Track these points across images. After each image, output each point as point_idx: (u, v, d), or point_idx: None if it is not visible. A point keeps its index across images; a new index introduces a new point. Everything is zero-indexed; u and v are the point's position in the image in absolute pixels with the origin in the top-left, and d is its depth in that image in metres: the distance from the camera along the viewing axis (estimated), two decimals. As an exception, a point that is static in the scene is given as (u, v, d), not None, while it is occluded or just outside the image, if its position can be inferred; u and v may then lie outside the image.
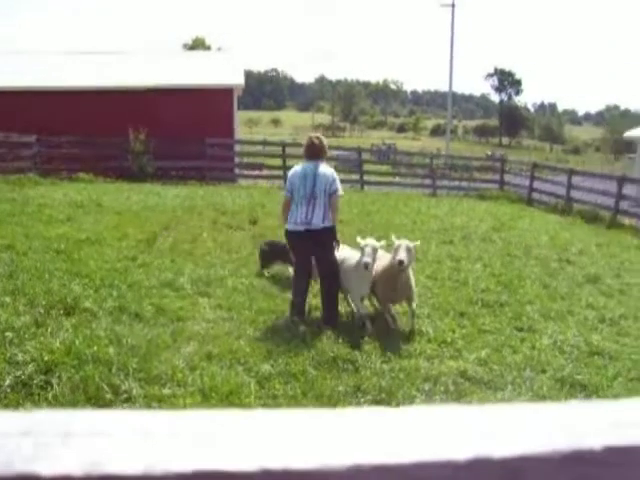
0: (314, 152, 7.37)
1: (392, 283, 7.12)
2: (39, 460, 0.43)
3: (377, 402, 5.26)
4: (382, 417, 0.53)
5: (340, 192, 7.31)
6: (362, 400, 5.31)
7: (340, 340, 6.59)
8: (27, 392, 5.01)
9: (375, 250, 7.09)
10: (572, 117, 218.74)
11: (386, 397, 5.35)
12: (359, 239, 7.31)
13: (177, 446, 0.45)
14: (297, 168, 7.47)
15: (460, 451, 0.47)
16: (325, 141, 7.57)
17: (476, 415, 0.53)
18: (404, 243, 7.00)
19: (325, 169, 7.33)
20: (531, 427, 0.52)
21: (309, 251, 7.38)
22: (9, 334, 6.04)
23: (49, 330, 6.27)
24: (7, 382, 5.06)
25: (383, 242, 7.44)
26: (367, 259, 6.97)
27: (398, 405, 5.14)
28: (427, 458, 0.46)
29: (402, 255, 6.87)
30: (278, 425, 0.49)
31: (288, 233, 7.48)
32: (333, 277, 7.35)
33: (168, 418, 0.50)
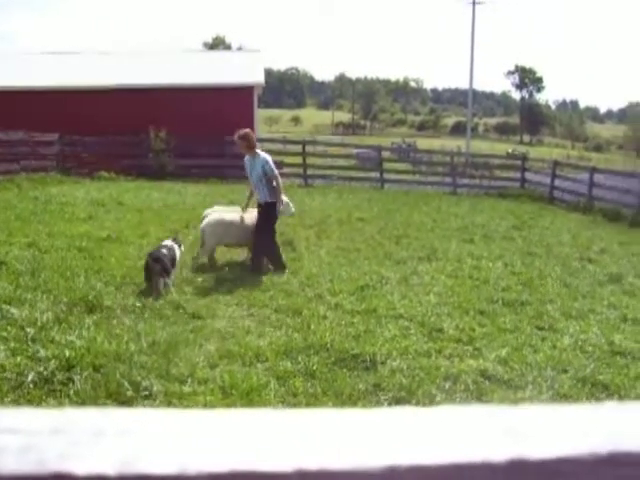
0: None
1: None
2: (72, 459, 0.43)
3: (397, 400, 5.24)
4: (412, 416, 0.52)
5: None
6: (382, 398, 5.30)
7: (360, 338, 6.58)
8: (49, 388, 5.05)
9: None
10: (594, 114, 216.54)
11: (406, 395, 5.33)
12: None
13: (210, 445, 0.45)
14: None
15: (497, 452, 0.46)
16: None
17: (509, 416, 0.53)
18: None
19: None
20: (567, 428, 0.51)
21: None
22: (31, 330, 6.09)
23: (71, 327, 6.32)
24: (30, 378, 5.11)
25: None
26: None
27: (418, 404, 5.13)
28: (463, 459, 0.45)
29: None
30: (312, 425, 0.49)
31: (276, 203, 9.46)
32: None
33: (199, 417, 0.49)
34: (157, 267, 7.78)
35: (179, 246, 8.63)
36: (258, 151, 9.46)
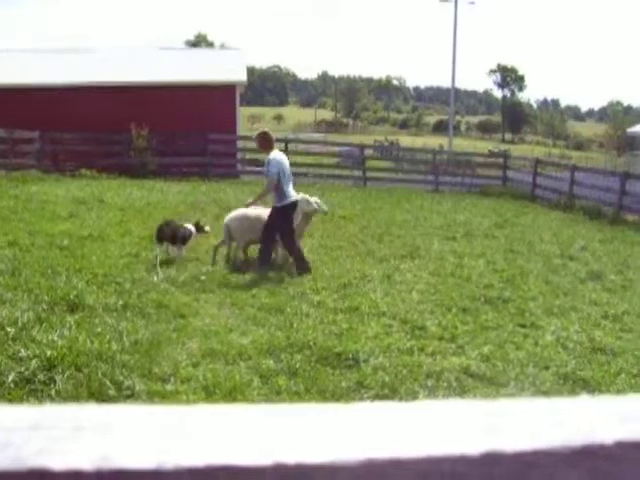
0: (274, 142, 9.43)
1: None
2: (49, 454, 0.43)
3: (380, 398, 5.26)
4: (391, 411, 0.53)
5: None
6: (365, 396, 5.31)
7: (343, 336, 6.59)
8: (31, 388, 5.01)
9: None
10: (575, 113, 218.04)
11: (389, 393, 5.35)
12: None
13: (189, 441, 0.45)
14: (280, 154, 9.40)
15: (473, 445, 0.47)
16: None
17: (486, 409, 0.53)
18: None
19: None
20: (542, 421, 0.52)
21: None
22: (11, 330, 6.04)
23: (52, 326, 6.28)
24: (10, 378, 5.07)
25: None
26: None
27: (401, 401, 5.14)
28: (441, 452, 0.46)
29: None
30: (291, 420, 0.49)
31: (290, 205, 9.17)
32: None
33: (179, 413, 0.50)
34: (167, 231, 9.30)
35: (197, 231, 9.89)
36: (275, 150, 9.33)
